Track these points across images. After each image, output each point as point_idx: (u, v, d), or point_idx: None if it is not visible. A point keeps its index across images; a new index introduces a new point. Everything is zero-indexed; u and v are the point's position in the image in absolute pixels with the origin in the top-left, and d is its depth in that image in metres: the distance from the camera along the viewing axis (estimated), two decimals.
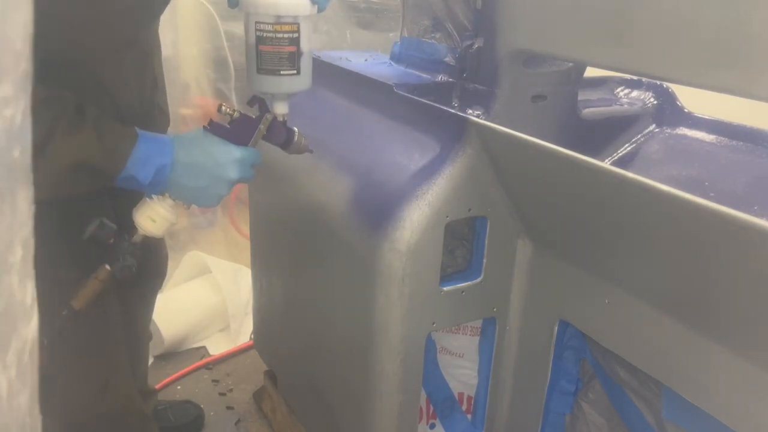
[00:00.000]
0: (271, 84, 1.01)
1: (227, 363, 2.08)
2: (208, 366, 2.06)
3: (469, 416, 1.36)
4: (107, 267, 0.99)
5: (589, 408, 1.17)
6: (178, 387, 1.97)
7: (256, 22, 0.98)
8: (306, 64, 1.02)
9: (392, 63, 1.49)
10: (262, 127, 1.02)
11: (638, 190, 0.78)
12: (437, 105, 1.14)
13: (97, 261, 0.99)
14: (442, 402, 1.34)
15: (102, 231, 0.97)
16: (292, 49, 0.99)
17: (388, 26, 2.67)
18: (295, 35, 0.98)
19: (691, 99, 1.30)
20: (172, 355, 2.08)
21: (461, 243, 1.19)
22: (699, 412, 0.88)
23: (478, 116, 1.19)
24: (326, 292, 1.31)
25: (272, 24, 0.97)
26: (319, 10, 1.02)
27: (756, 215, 0.65)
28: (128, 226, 1.01)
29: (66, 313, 0.96)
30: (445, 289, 1.11)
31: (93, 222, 0.97)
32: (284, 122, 1.07)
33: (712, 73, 0.87)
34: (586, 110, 1.31)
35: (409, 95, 1.21)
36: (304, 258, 1.39)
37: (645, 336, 0.94)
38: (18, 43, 0.35)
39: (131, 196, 1.02)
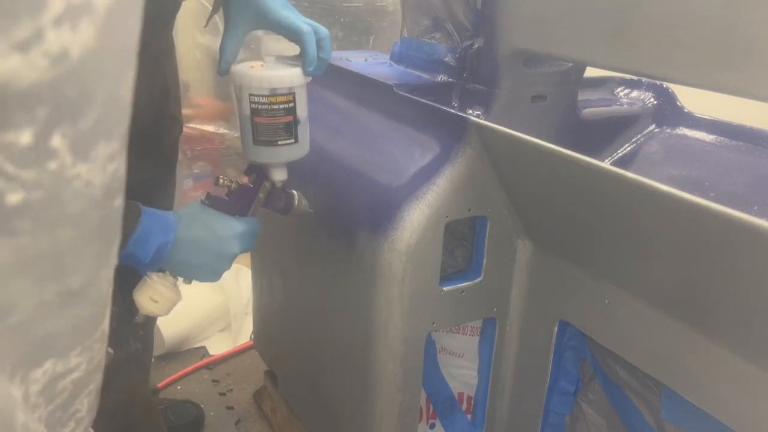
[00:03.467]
0: (268, 155, 0.99)
1: (227, 363, 2.08)
2: (208, 366, 2.06)
3: (469, 416, 1.36)
4: (110, 351, 0.97)
5: (589, 408, 1.17)
6: (178, 387, 1.97)
7: (250, 95, 0.95)
8: (303, 131, 1.00)
9: (392, 63, 1.49)
10: (261, 195, 1.01)
11: (638, 190, 0.78)
12: (437, 105, 1.14)
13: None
14: (442, 402, 1.34)
15: None
16: (289, 119, 0.97)
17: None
18: (291, 105, 0.97)
19: (691, 99, 1.30)
20: (172, 355, 2.08)
21: (461, 243, 1.19)
22: (699, 412, 0.88)
23: (478, 116, 1.19)
24: (326, 292, 1.31)
25: (267, 96, 0.95)
26: (314, 76, 1.00)
27: (756, 215, 0.65)
28: (129, 304, 0.97)
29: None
30: (445, 289, 1.11)
31: None
32: (283, 188, 1.05)
33: (712, 73, 0.87)
34: (586, 110, 1.31)
35: (409, 95, 1.21)
36: (304, 258, 1.39)
37: (645, 336, 0.94)
38: (126, 100, 0.37)
39: (129, 272, 0.99)
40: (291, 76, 0.95)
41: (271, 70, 0.95)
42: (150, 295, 0.95)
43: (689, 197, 0.71)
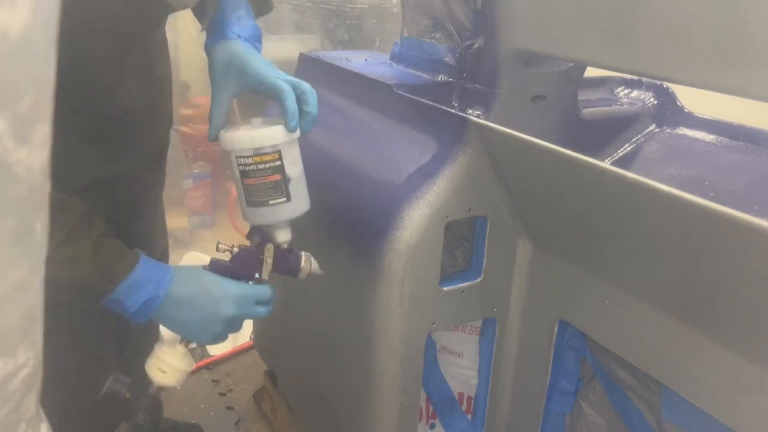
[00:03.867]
0: (262, 216, 0.98)
1: (227, 363, 2.08)
2: (208, 366, 2.06)
3: (469, 416, 1.36)
4: (124, 424, 0.97)
5: (589, 408, 1.17)
6: (178, 387, 1.97)
7: (237, 157, 0.95)
8: (297, 188, 0.98)
9: (392, 63, 1.49)
10: (269, 260, 0.98)
11: (638, 190, 0.78)
12: (437, 105, 1.14)
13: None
14: (442, 402, 1.34)
15: (118, 385, 0.92)
16: (277, 177, 0.95)
17: None
18: (278, 163, 0.94)
19: (691, 99, 1.30)
20: None
21: (461, 243, 1.19)
22: (699, 412, 0.88)
23: (478, 116, 1.19)
24: (326, 292, 1.31)
25: (252, 156, 0.94)
26: (303, 134, 0.98)
27: (756, 215, 0.65)
28: (142, 376, 0.96)
29: None
30: (445, 289, 1.11)
31: (108, 379, 0.92)
32: (289, 249, 1.02)
33: (712, 73, 0.87)
34: (586, 110, 1.31)
35: (409, 95, 1.21)
36: None
37: (645, 336, 0.94)
38: (53, 81, 0.36)
39: (139, 342, 0.97)
40: (273, 134, 0.93)
41: (253, 129, 0.95)
42: (158, 366, 0.95)
43: (689, 197, 0.71)
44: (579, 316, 1.08)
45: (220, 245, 0.97)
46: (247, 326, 2.17)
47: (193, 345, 0.96)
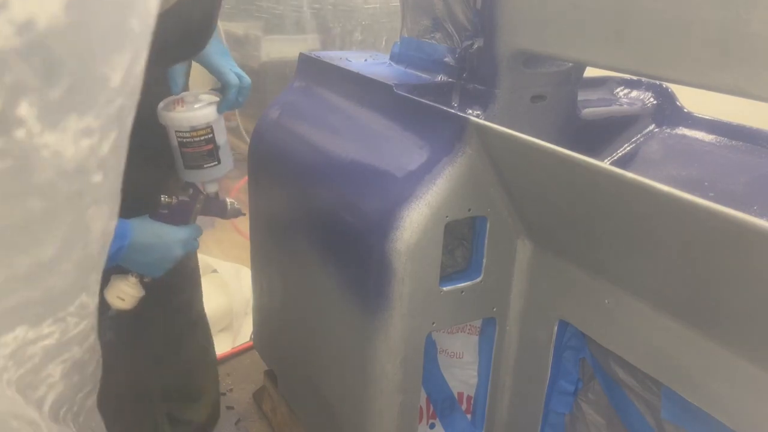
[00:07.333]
0: (197, 176, 1.21)
1: (227, 363, 2.08)
2: None
3: (468, 416, 1.36)
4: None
5: (589, 408, 1.17)
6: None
7: (176, 132, 1.16)
8: (224, 152, 1.21)
9: (392, 63, 1.49)
10: (198, 206, 1.22)
11: (638, 190, 0.78)
12: (437, 105, 1.14)
13: None
14: (442, 402, 1.34)
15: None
16: (210, 147, 1.18)
17: None
18: (210, 136, 1.17)
19: (691, 99, 1.30)
20: None
21: (461, 243, 1.19)
22: (698, 412, 0.88)
23: (477, 116, 1.19)
24: (326, 292, 1.31)
25: (188, 132, 1.15)
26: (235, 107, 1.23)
27: (756, 215, 0.65)
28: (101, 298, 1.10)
29: None
30: (444, 289, 1.11)
31: None
32: (216, 197, 1.27)
33: (712, 73, 0.87)
34: (586, 110, 1.31)
35: (409, 95, 1.21)
36: (304, 258, 1.39)
37: (645, 336, 0.94)
38: (113, 81, 0.38)
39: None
40: (206, 115, 1.16)
41: (190, 111, 1.15)
42: (116, 294, 1.13)
43: (689, 197, 0.71)
44: (579, 316, 1.08)
45: (162, 198, 1.18)
46: (248, 326, 2.17)
47: (147, 279, 1.16)
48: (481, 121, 1.04)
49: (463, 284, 1.14)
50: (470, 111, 1.23)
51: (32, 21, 0.32)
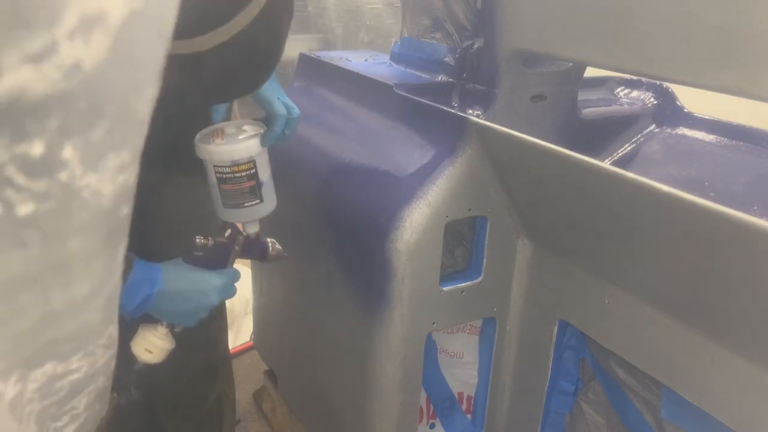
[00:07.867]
0: (237, 215, 1.07)
1: None
2: None
3: (469, 416, 1.36)
4: (115, 395, 1.03)
5: (589, 408, 1.17)
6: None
7: (214, 166, 1.02)
8: (267, 190, 1.07)
9: (392, 63, 1.49)
10: (237, 249, 1.09)
11: (638, 190, 0.78)
12: (437, 105, 1.14)
13: None
14: (442, 402, 1.34)
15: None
16: (252, 183, 1.04)
17: None
18: (253, 171, 1.03)
19: (691, 99, 1.30)
20: None
21: (461, 243, 1.19)
22: (698, 412, 0.88)
23: (478, 116, 1.19)
24: (326, 292, 1.31)
25: (229, 167, 1.02)
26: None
27: (756, 215, 0.65)
28: (128, 354, 1.01)
29: None
30: (445, 289, 1.11)
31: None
32: (257, 238, 1.13)
33: (712, 73, 0.87)
34: (586, 110, 1.31)
35: (409, 95, 1.21)
36: (304, 258, 1.39)
37: (645, 336, 0.94)
38: (142, 114, 0.38)
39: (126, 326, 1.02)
40: (249, 149, 1.02)
41: (231, 144, 1.02)
42: (144, 346, 1.03)
43: (689, 197, 0.71)
44: (579, 315, 1.08)
45: (197, 240, 1.07)
46: (248, 326, 2.17)
47: (178, 329, 1.05)
48: (482, 121, 1.04)
49: (463, 284, 1.14)
50: (470, 111, 1.23)
51: (79, 65, 0.32)
